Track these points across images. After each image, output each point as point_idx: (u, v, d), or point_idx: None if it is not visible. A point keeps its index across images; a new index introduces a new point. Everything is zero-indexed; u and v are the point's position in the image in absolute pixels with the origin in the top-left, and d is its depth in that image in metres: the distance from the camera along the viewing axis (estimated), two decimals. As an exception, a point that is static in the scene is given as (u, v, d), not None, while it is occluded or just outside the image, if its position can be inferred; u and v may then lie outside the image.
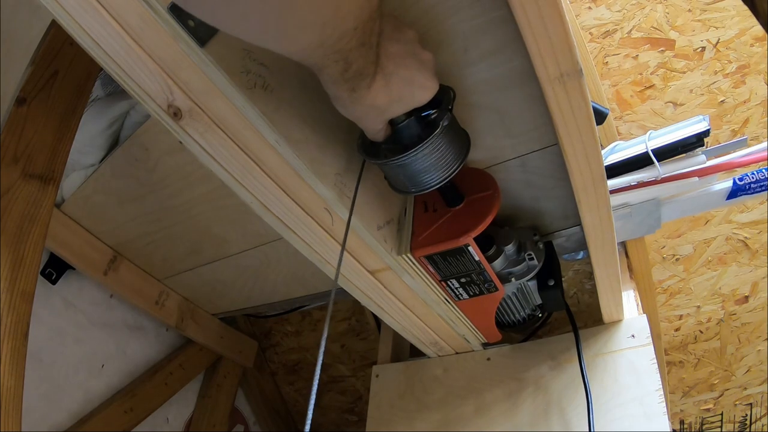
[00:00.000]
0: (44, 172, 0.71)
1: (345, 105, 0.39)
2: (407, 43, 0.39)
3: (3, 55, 0.68)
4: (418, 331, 0.81)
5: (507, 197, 0.68)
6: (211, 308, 1.28)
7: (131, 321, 1.20)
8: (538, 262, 0.67)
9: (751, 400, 1.39)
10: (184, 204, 0.87)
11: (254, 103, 0.41)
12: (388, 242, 0.58)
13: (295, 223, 0.53)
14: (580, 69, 0.41)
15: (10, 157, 0.67)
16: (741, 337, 1.30)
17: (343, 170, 0.50)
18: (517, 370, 0.85)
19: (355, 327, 1.45)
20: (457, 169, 0.48)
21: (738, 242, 1.17)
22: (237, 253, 0.98)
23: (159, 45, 0.38)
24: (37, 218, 0.70)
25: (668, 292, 1.27)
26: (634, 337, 0.79)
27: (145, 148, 0.80)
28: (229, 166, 0.46)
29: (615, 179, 0.81)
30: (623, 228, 0.88)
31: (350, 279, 0.64)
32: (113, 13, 0.36)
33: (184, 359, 1.28)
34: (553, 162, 0.60)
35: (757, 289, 1.23)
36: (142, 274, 1.12)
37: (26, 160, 0.69)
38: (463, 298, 0.67)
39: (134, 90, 0.41)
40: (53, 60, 0.68)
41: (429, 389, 0.92)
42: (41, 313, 1.00)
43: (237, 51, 0.40)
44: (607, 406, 0.74)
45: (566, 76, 0.41)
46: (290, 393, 1.70)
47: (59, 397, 1.01)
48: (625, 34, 1.04)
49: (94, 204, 0.94)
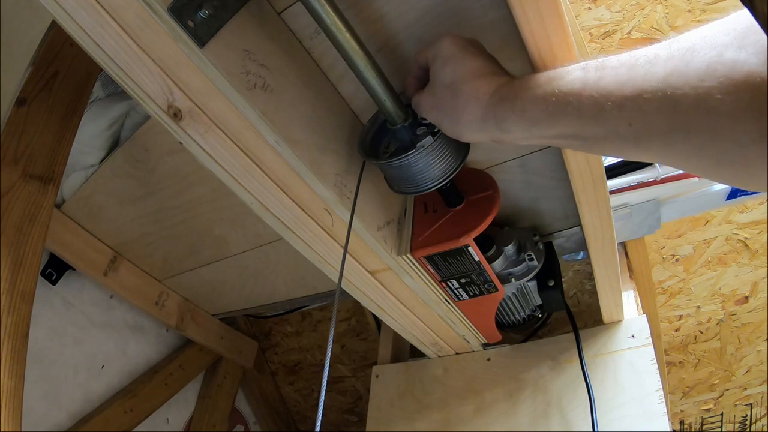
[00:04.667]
0: (44, 172, 0.71)
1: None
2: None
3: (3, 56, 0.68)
4: (418, 332, 0.81)
5: (507, 198, 0.68)
6: (211, 309, 1.28)
7: (131, 321, 1.20)
8: (537, 263, 0.67)
9: (751, 400, 1.39)
10: (185, 204, 0.87)
11: (254, 104, 0.41)
12: (388, 243, 0.58)
13: (295, 224, 0.53)
14: (579, 69, 0.41)
15: (10, 157, 0.67)
16: (741, 337, 1.30)
17: (343, 171, 0.50)
18: (517, 370, 0.85)
19: (355, 327, 1.45)
20: (457, 169, 0.48)
21: (738, 242, 1.17)
22: (237, 254, 0.98)
23: (159, 45, 0.38)
24: (37, 219, 0.70)
25: (668, 293, 1.27)
26: (634, 337, 0.79)
27: (145, 149, 0.80)
28: (229, 167, 0.47)
29: (615, 179, 0.81)
30: (623, 228, 0.88)
31: (350, 280, 0.64)
32: (113, 13, 0.36)
33: (184, 359, 1.28)
34: (553, 162, 0.60)
35: (757, 289, 1.23)
36: (142, 275, 1.12)
37: (26, 161, 0.69)
38: (463, 298, 0.67)
39: (134, 90, 0.41)
40: (53, 60, 0.67)
41: (429, 389, 0.92)
42: (41, 314, 1.00)
43: (237, 51, 0.40)
44: (607, 406, 0.74)
45: (566, 76, 0.41)
46: (290, 393, 1.70)
47: (59, 397, 1.01)
48: (624, 35, 1.04)
49: (95, 204, 0.94)
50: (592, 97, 0.31)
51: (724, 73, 0.25)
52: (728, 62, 0.25)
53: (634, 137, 0.30)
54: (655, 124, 0.28)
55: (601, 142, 0.32)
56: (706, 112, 0.25)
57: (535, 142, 0.38)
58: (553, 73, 0.34)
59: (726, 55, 0.25)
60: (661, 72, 0.27)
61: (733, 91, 0.24)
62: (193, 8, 0.35)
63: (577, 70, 0.33)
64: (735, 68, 0.24)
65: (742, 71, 0.24)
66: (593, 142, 0.33)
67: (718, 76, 0.25)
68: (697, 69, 0.26)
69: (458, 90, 0.39)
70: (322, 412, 0.35)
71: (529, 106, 0.35)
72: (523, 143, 0.39)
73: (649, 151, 0.30)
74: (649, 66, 0.28)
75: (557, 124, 0.34)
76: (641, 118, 0.28)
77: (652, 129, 0.28)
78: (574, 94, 0.32)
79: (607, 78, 0.30)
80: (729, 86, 0.24)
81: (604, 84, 0.30)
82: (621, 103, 0.29)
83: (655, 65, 0.28)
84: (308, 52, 0.50)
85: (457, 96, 0.39)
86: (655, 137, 0.29)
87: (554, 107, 0.33)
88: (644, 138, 0.29)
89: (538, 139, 0.37)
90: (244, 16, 0.40)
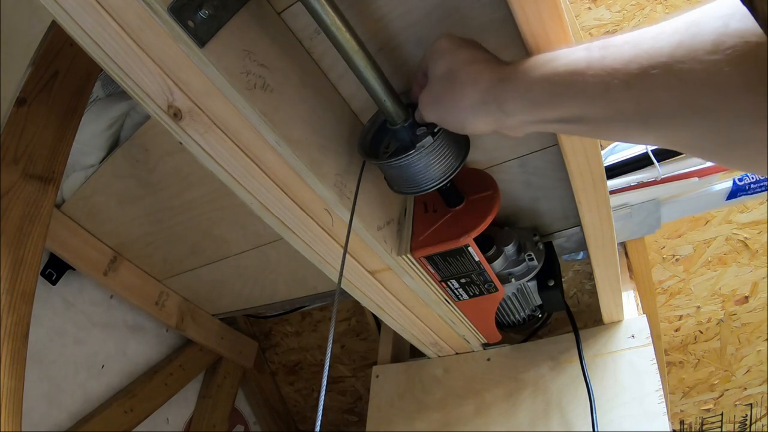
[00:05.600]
0: (44, 172, 0.71)
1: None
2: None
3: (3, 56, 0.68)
4: (418, 332, 0.81)
5: (507, 198, 0.68)
6: (211, 309, 1.28)
7: (131, 321, 1.20)
8: (537, 263, 0.67)
9: (751, 400, 1.39)
10: (185, 204, 0.87)
11: (254, 104, 0.41)
12: (388, 243, 0.58)
13: (295, 224, 0.53)
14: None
15: (10, 157, 0.67)
16: (741, 337, 1.30)
17: (343, 171, 0.50)
18: (517, 370, 0.85)
19: (355, 327, 1.45)
20: (457, 169, 0.48)
21: (738, 242, 1.17)
22: (237, 254, 0.98)
23: (159, 45, 0.38)
24: (38, 219, 0.70)
25: (668, 293, 1.27)
26: (634, 337, 0.79)
27: (145, 149, 0.80)
28: (229, 167, 0.47)
29: (615, 179, 0.81)
30: (623, 228, 0.88)
31: (350, 280, 0.64)
32: (113, 13, 0.36)
33: (184, 360, 1.28)
34: (553, 162, 0.60)
35: (757, 289, 1.23)
36: (142, 275, 1.12)
37: (26, 161, 0.69)
38: (463, 298, 0.67)
39: (134, 90, 0.41)
40: (53, 60, 0.68)
41: (429, 389, 0.92)
42: (41, 314, 1.00)
43: (237, 51, 0.40)
44: (607, 406, 0.74)
45: (566, 76, 0.41)
46: (290, 393, 1.70)
47: (59, 397, 1.01)
48: (625, 35, 1.04)
49: (95, 204, 0.94)
50: (597, 76, 0.29)
51: (731, 44, 0.23)
52: (734, 33, 0.23)
53: (642, 117, 0.28)
54: (664, 102, 0.27)
55: (607, 123, 0.31)
56: (716, 87, 0.24)
57: (540, 128, 0.36)
58: (554, 54, 0.33)
59: (732, 25, 0.24)
60: (666, 47, 0.26)
61: (741, 63, 0.23)
62: (193, 8, 0.35)
63: (580, 50, 0.31)
64: (742, 38, 0.23)
65: (749, 41, 0.23)
66: (599, 124, 0.32)
67: (725, 48, 0.24)
68: (704, 41, 0.25)
69: (455, 77, 0.38)
70: (322, 412, 0.35)
71: (532, 86, 0.34)
72: (527, 129, 0.38)
73: (657, 132, 0.29)
74: (654, 41, 0.27)
75: (560, 106, 0.33)
76: (649, 96, 0.27)
77: (660, 107, 0.27)
78: (579, 73, 0.31)
79: (611, 56, 0.29)
80: (737, 58, 0.23)
81: (608, 62, 0.29)
82: (627, 80, 0.28)
83: (660, 41, 0.27)
84: (308, 52, 0.50)
85: (454, 83, 0.38)
86: (664, 116, 0.27)
87: (557, 87, 0.32)
88: (652, 117, 0.28)
89: (542, 123, 0.36)
90: (244, 16, 0.40)
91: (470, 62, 0.38)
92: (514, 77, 0.35)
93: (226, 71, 0.38)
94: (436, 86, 0.40)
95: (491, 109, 0.37)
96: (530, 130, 0.37)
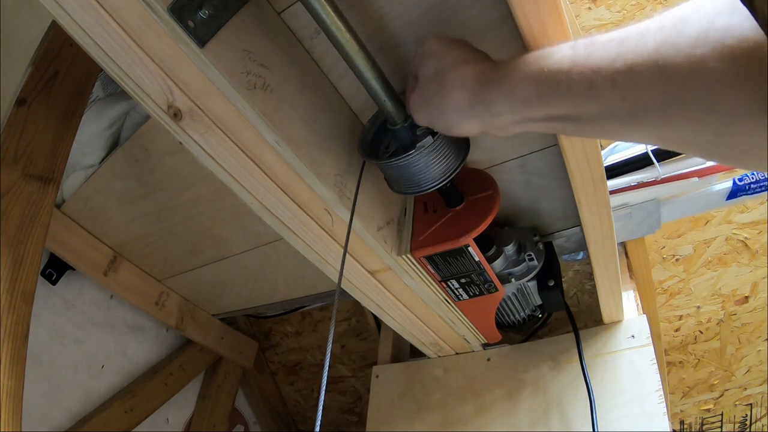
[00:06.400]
0: (44, 172, 0.71)
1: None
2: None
3: (3, 56, 0.68)
4: (418, 332, 0.81)
5: (507, 198, 0.68)
6: (211, 309, 1.28)
7: (131, 321, 1.20)
8: (538, 263, 0.67)
9: (751, 400, 1.39)
10: (185, 204, 0.87)
11: (254, 104, 0.41)
12: (388, 243, 0.58)
13: (295, 224, 0.53)
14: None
15: (10, 157, 0.67)
16: (741, 337, 1.30)
17: (343, 171, 0.50)
18: (517, 370, 0.85)
19: (355, 327, 1.45)
20: (457, 169, 0.48)
21: (738, 242, 1.17)
22: (237, 254, 0.98)
23: (159, 45, 0.38)
24: (38, 219, 0.70)
25: (668, 293, 1.27)
26: (634, 337, 0.79)
27: (145, 149, 0.80)
28: (229, 167, 0.47)
29: (615, 179, 0.81)
30: (623, 228, 0.88)
31: (350, 280, 0.64)
32: (113, 13, 0.36)
33: (184, 360, 1.28)
34: (553, 162, 0.60)
35: (757, 289, 1.23)
36: (142, 275, 1.12)
37: (26, 161, 0.69)
38: (463, 298, 0.67)
39: (134, 90, 0.41)
40: (53, 60, 0.68)
41: (429, 389, 0.92)
42: (41, 314, 1.00)
43: (237, 52, 0.40)
44: (607, 406, 0.74)
45: (566, 76, 0.41)
46: (290, 393, 1.70)
47: (59, 397, 1.01)
48: (625, 35, 1.04)
49: (95, 204, 0.94)
50: (582, 74, 0.29)
51: (717, 39, 0.23)
52: (720, 28, 0.23)
53: (629, 113, 0.29)
54: (649, 98, 0.27)
55: (594, 121, 0.31)
56: (701, 82, 0.24)
57: (528, 127, 0.37)
58: (541, 52, 0.33)
59: (718, 22, 0.24)
60: (651, 43, 0.26)
61: (727, 58, 0.23)
62: (193, 8, 0.35)
63: (566, 49, 0.32)
64: (728, 33, 0.23)
65: (734, 36, 0.23)
66: (586, 122, 0.32)
67: (711, 42, 0.24)
68: (689, 37, 0.25)
69: (443, 79, 0.38)
70: (322, 412, 0.35)
71: (518, 86, 0.34)
72: (515, 129, 0.38)
73: (645, 129, 0.29)
74: (639, 38, 0.27)
75: (547, 105, 0.33)
76: (634, 92, 0.27)
77: (646, 103, 0.27)
78: (564, 71, 0.31)
79: (596, 54, 0.29)
80: (723, 53, 0.23)
81: (594, 60, 0.29)
82: (612, 77, 0.28)
83: (645, 37, 0.27)
84: (308, 52, 0.50)
85: (443, 84, 0.38)
86: (650, 112, 0.28)
87: (544, 87, 0.32)
88: (639, 113, 0.28)
89: (530, 123, 0.36)
90: (244, 16, 0.40)
91: (458, 63, 0.38)
92: (501, 78, 0.35)
93: (226, 71, 0.38)
94: (425, 87, 0.41)
95: (479, 110, 0.37)
96: (518, 129, 0.38)
